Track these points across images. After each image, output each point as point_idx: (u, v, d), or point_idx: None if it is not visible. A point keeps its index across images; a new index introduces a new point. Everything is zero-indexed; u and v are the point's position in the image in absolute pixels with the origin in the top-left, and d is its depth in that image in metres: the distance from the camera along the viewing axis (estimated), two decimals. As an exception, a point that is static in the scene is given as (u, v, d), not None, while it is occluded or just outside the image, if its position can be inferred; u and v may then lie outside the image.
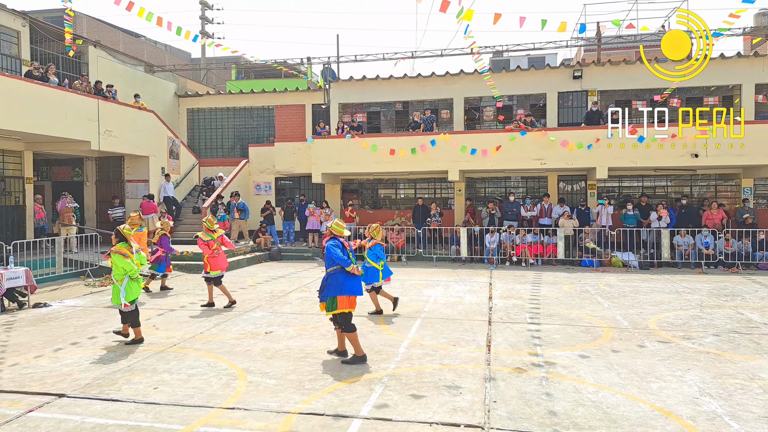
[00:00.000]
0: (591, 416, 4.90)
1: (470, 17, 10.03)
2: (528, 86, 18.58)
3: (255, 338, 7.63)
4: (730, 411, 5.00)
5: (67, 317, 9.08)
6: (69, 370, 6.22)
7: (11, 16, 15.62)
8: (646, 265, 14.98)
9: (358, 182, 20.17)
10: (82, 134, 14.55)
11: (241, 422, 4.80)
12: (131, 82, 19.54)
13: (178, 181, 19.47)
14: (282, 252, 17.27)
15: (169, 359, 6.65)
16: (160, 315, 9.27)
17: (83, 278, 13.16)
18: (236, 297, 10.78)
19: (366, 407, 5.10)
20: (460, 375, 6.02)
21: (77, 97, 14.54)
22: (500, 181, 19.09)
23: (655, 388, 5.61)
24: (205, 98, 22.54)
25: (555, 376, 5.97)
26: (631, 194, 17.97)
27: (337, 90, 19.91)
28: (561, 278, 13.14)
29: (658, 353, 6.86)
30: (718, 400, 5.26)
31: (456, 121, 19.01)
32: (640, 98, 17.86)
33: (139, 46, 29.65)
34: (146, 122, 17.57)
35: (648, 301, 10.27)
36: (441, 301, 10.31)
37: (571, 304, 9.92)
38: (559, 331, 7.99)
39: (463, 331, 7.96)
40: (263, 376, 5.99)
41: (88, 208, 18.32)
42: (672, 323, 8.49)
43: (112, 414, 4.97)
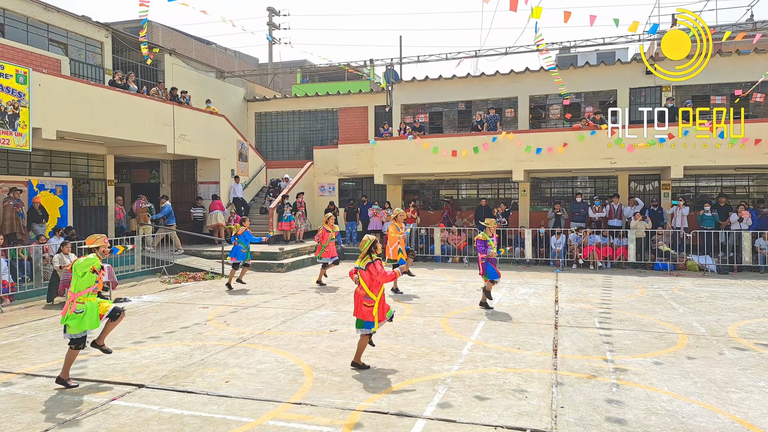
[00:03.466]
0: (665, 426, 4.68)
1: (539, 15, 9.81)
2: (597, 82, 17.93)
3: (320, 336, 7.82)
4: (822, 427, 4.65)
5: (145, 312, 9.66)
6: (147, 362, 6.62)
7: (95, 28, 16.82)
8: (724, 269, 14.08)
9: (420, 183, 20.17)
10: (158, 138, 15.42)
11: (308, 417, 4.94)
12: (203, 88, 20.50)
13: (247, 182, 20.21)
14: (345, 252, 17.56)
15: (240, 354, 6.93)
16: (230, 311, 9.67)
17: (159, 275, 13.95)
18: (302, 296, 11.10)
19: (430, 408, 5.11)
20: (526, 379, 5.91)
21: (155, 103, 15.42)
22: (567, 181, 18.52)
23: (735, 398, 5.30)
24: (272, 102, 23.29)
25: (626, 383, 5.74)
26: (709, 194, 16.93)
27: (400, 91, 20.00)
28: (632, 282, 12.59)
29: (738, 362, 6.45)
30: (809, 416, 4.89)
31: (521, 120, 18.63)
32: (719, 93, 16.80)
33: (210, 53, 31.04)
34: (217, 126, 18.38)
35: (727, 307, 9.67)
36: (505, 303, 10.15)
37: (644, 309, 9.49)
38: (630, 336, 7.67)
39: (528, 335, 7.80)
40: (328, 374, 6.13)
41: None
42: (754, 331, 7.95)
43: (188, 405, 5.24)
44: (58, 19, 15.69)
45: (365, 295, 6.13)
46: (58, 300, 10.53)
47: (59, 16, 15.71)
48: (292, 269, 15.12)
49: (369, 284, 6.14)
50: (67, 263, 10.58)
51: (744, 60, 16.22)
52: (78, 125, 12.86)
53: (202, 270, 14.12)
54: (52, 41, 15.69)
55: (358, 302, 6.22)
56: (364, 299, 6.14)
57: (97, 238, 6.29)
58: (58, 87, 12.38)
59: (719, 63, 16.25)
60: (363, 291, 6.16)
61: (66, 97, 12.51)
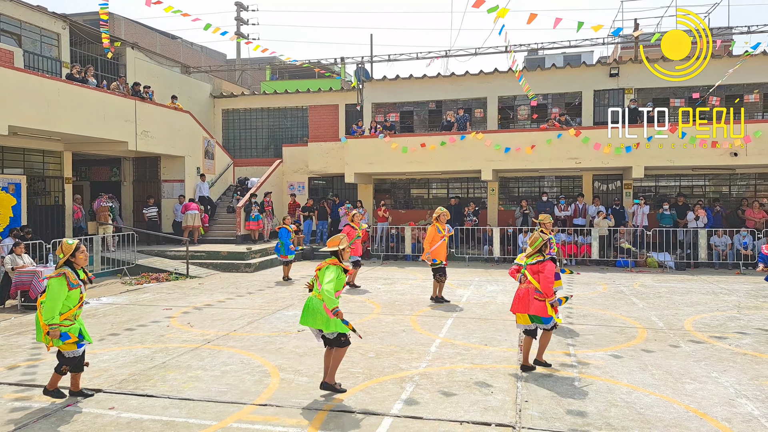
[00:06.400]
0: (624, 417, 4.82)
1: (504, 14, 9.90)
2: (563, 84, 18.28)
3: (287, 336, 7.73)
4: (767, 413, 4.89)
5: (104, 314, 9.37)
6: (106, 366, 6.41)
7: (52, 19, 16.21)
8: (682, 265, 14.57)
9: (391, 182, 20.20)
10: (119, 135, 14.97)
11: (274, 418, 4.87)
12: (168, 83, 20.03)
13: (213, 180, 19.87)
14: (314, 251, 17.44)
15: (204, 356, 6.79)
16: (195, 312, 9.48)
17: (120, 276, 13.57)
18: (269, 296, 10.96)
19: (397, 405, 5.12)
20: (492, 374, 5.98)
21: (115, 98, 14.97)
22: (534, 180, 18.83)
23: (690, 389, 5.50)
24: (240, 99, 22.94)
25: (588, 377, 5.88)
26: (668, 194, 17.48)
27: (371, 90, 19.97)
28: (595, 278, 12.89)
29: (693, 354, 6.69)
30: (755, 402, 5.13)
31: (490, 121, 18.85)
32: (679, 96, 17.36)
33: (176, 48, 30.38)
34: (182, 123, 17.99)
35: (684, 302, 10.01)
36: (473, 300, 10.25)
37: (606, 305, 9.73)
38: (592, 331, 7.84)
39: (495, 331, 7.90)
40: (296, 374, 6.07)
41: (126, 208, 18.85)
42: (708, 324, 8.26)
43: (148, 409, 5.10)
44: (11, 9, 15.02)
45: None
46: (10, 303, 10.14)
47: (12, 5, 15.04)
48: (259, 269, 14.93)
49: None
50: (20, 264, 10.20)
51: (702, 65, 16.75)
52: (32, 120, 12.38)
53: (165, 271, 13.79)
54: (5, 32, 15.03)
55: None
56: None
57: (66, 248, 5.34)
58: (10, 80, 11.88)
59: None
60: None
61: (18, 91, 12.01)
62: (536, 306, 5.94)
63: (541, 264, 6.04)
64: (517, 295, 6.15)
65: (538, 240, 6.16)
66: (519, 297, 6.10)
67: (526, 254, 6.28)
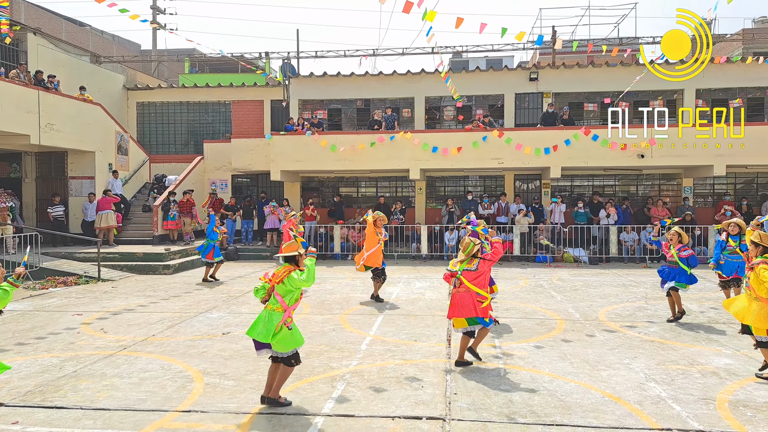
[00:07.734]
0: (546, 404, 5.04)
1: (433, 18, 10.07)
2: (486, 87, 18.87)
3: (212, 339, 7.42)
4: (672, 394, 5.28)
5: (4, 322, 8.54)
6: (8, 378, 5.82)
7: (-58, 1, 14.60)
8: (595, 260, 15.55)
9: (319, 180, 19.97)
10: (20, 127, 13.73)
11: (198, 425, 4.64)
12: (76, 73, 18.61)
13: (127, 178, 18.73)
14: (239, 252, 16.91)
15: (119, 363, 6.36)
16: (109, 317, 8.88)
17: (21, 281, 12.43)
18: (191, 298, 10.49)
19: (328, 404, 5.04)
20: (422, 369, 6.04)
21: (14, 87, 13.72)
22: (459, 180, 19.32)
23: (605, 375, 5.83)
24: (157, 92, 21.76)
25: (513, 367, 6.10)
26: (583, 193, 18.56)
27: (297, 86, 19.63)
28: (517, 274, 13.42)
29: (607, 343, 7.12)
30: (662, 385, 5.53)
31: (417, 120, 19.10)
32: (591, 101, 18.47)
33: (84, 36, 28.37)
34: (92, 116, 16.80)
35: (597, 294, 10.66)
36: (402, 297, 10.34)
37: (527, 299, 10.16)
38: (515, 324, 8.15)
39: (424, 327, 8.01)
40: (221, 377, 5.82)
41: (27, 207, 17.32)
42: (620, 314, 8.83)
43: (57, 422, 4.71)
44: None
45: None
46: None
47: None
48: (179, 271, 14.26)
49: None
50: None
51: (613, 71, 17.96)
52: None
53: (74, 274, 12.82)
54: None
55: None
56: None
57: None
58: None
59: (591, 73, 18.04)
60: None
61: None
62: (482, 310, 6.06)
63: (482, 263, 6.14)
64: (453, 301, 6.16)
65: (470, 245, 6.19)
66: (455, 303, 6.11)
67: (459, 260, 6.30)
